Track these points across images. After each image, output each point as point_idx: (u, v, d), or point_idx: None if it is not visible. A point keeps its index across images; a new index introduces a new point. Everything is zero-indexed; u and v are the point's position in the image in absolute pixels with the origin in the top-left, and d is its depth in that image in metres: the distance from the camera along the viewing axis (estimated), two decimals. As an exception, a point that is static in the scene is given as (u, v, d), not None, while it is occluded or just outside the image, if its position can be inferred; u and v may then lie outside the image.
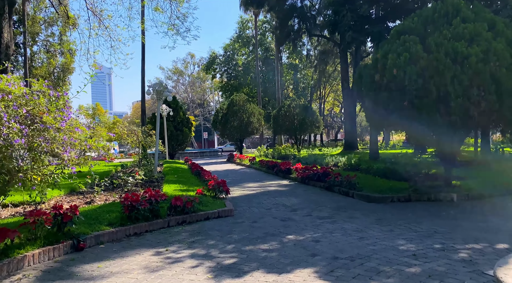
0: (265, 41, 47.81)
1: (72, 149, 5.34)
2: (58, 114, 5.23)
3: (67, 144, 5.07)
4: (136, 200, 6.37)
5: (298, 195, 10.17)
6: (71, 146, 5.23)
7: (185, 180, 12.15)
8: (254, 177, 15.60)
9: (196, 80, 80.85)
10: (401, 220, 6.79)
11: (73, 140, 5.20)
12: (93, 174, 8.80)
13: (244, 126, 28.50)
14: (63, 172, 5.63)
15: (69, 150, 5.32)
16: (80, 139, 5.42)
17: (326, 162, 16.85)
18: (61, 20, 29.52)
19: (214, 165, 24.67)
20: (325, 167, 12.11)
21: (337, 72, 42.94)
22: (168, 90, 14.66)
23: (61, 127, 5.20)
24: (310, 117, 27.54)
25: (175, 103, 28.26)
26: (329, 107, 60.50)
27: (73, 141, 5.18)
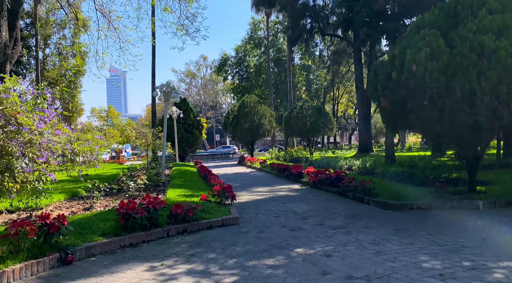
0: (277, 42, 47.24)
1: (51, 154, 4.88)
2: (38, 115, 4.76)
3: (45, 148, 4.61)
4: (132, 208, 5.89)
5: (309, 201, 9.58)
6: (50, 150, 4.77)
7: (191, 184, 11.69)
8: (264, 181, 15.06)
9: (208, 83, 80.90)
10: (423, 231, 6.16)
11: (53, 143, 4.73)
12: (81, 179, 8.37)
13: (255, 128, 27.97)
14: (42, 179, 5.14)
15: (48, 155, 4.85)
16: (61, 143, 4.95)
17: (339, 165, 16.20)
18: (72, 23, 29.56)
19: (224, 168, 24.22)
20: (338, 171, 11.50)
21: (351, 72, 42.13)
22: (176, 91, 14.25)
23: (39, 129, 4.74)
24: (323, 119, 26.83)
25: (186, 105, 27.94)
26: (342, 108, 59.55)
27: (52, 144, 4.72)
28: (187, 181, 12.50)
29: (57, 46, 32.97)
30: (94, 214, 6.91)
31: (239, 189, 12.46)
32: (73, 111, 31.76)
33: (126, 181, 9.61)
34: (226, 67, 48.74)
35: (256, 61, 48.52)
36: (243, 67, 48.58)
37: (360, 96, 24.83)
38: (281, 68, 45.58)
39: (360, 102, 24.95)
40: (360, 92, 24.79)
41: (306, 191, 11.67)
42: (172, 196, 8.82)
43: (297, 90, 49.31)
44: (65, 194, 9.42)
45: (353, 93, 53.24)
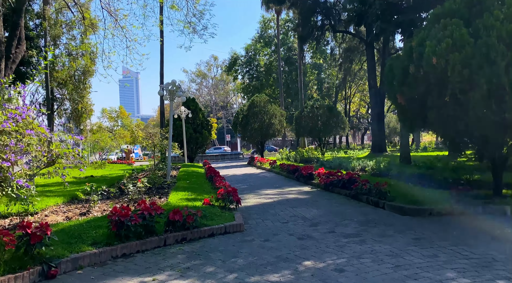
0: (287, 41, 46.57)
1: (21, 157, 4.41)
2: (10, 113, 4.29)
3: (13, 150, 4.15)
4: (126, 214, 5.40)
5: (320, 205, 8.99)
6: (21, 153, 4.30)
7: (196, 187, 11.20)
8: (273, 183, 14.50)
9: (219, 83, 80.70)
10: (446, 241, 5.54)
11: (21, 145, 4.26)
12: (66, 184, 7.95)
13: (265, 128, 27.40)
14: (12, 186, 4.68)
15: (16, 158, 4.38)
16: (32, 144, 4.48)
17: (352, 166, 15.55)
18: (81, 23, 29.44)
19: (233, 169, 23.73)
20: (351, 173, 10.88)
21: (363, 71, 41.27)
22: (182, 90, 13.80)
23: (6, 128, 4.27)
24: (335, 118, 26.14)
25: (194, 105, 27.53)
26: (355, 108, 58.58)
27: (20, 146, 4.25)
28: (192, 183, 12.03)
29: (66, 46, 32.96)
30: (87, 220, 6.46)
31: (247, 192, 11.94)
32: (83, 112, 31.66)
33: (127, 184, 9.17)
34: (236, 66, 48.26)
35: (266, 60, 47.93)
36: (253, 66, 48.05)
37: (373, 94, 24.07)
38: (292, 66, 44.91)
39: (373, 100, 24.20)
40: (373, 90, 24.04)
41: (317, 193, 11.09)
42: (174, 200, 8.34)
43: (308, 89, 48.58)
44: (63, 198, 9.02)
45: (365, 91, 52.29)
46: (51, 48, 32.65)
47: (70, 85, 29.83)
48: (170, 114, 14.02)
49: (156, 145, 17.80)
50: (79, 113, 31.46)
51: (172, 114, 14.02)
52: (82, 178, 15.07)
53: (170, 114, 14.02)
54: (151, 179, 11.02)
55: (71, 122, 33.45)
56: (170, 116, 13.98)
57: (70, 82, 29.65)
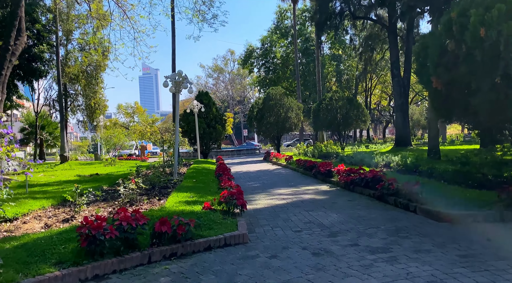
0: (305, 31, 44.97)
1: None
2: None
3: None
4: (98, 226, 4.39)
5: (340, 208, 7.81)
6: None
7: (203, 186, 10.19)
8: (289, 180, 13.36)
9: (236, 77, 79.73)
10: (504, 261, 4.31)
11: None
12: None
13: (281, 122, 26.18)
14: None
15: None
16: None
17: (375, 162, 14.23)
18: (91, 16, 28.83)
19: (248, 165, 22.69)
20: (374, 171, 9.64)
21: (385, 61, 39.43)
22: (188, 81, 12.77)
23: None
24: (355, 110, 24.69)
25: (208, 98, 26.58)
26: (376, 100, 56.56)
27: None
28: (199, 182, 11.03)
29: (80, 41, 32.50)
30: (61, 231, 5.47)
31: (258, 191, 10.86)
32: (96, 108, 31.20)
33: (122, 185, 8.21)
34: (252, 59, 46.96)
35: (283, 52, 46.46)
36: (269, 59, 46.67)
37: (397, 84, 22.52)
38: (310, 58, 43.33)
39: (396, 91, 22.65)
40: (396, 79, 22.48)
41: (336, 193, 9.89)
42: (171, 203, 7.32)
43: (326, 82, 46.91)
44: (53, 200, 8.14)
45: (387, 83, 50.26)
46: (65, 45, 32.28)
47: (83, 81, 29.35)
48: (176, 107, 13.03)
49: (165, 141, 16.89)
50: (92, 109, 31.02)
51: (178, 107, 13.03)
52: (87, 177, 14.33)
53: (176, 107, 13.03)
54: (153, 177, 10.06)
55: (85, 118, 33.12)
56: (176, 109, 12.99)
57: (82, 78, 29.15)
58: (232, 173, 17.73)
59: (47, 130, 33.61)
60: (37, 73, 27.61)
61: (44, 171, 17.31)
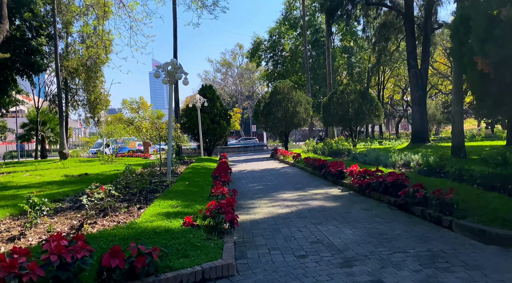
0: (314, 22, 43.20)
1: None
2: None
3: None
4: (12, 265, 3.07)
5: (355, 221, 6.41)
6: None
7: (196, 190, 8.87)
8: (295, 182, 11.98)
9: (245, 72, 78.36)
10: None
11: None
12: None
13: (289, 117, 24.69)
14: None
15: None
16: None
17: (392, 161, 12.73)
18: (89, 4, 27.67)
19: (253, 163, 21.34)
20: (395, 173, 8.18)
21: (398, 52, 37.59)
22: (182, 71, 11.44)
23: None
24: (368, 104, 23.14)
25: (212, 92, 25.22)
26: (388, 94, 54.60)
27: None
28: (192, 185, 9.71)
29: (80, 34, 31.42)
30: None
31: (260, 195, 9.50)
32: (97, 103, 30.09)
33: (90, 193, 6.89)
34: (259, 52, 45.36)
35: (291, 44, 44.77)
36: (277, 52, 45.03)
37: (413, 75, 20.86)
38: (319, 50, 41.59)
39: (413, 83, 21.01)
40: (413, 71, 20.82)
41: (349, 199, 8.48)
42: (148, 215, 6.00)
43: (337, 75, 45.15)
44: (13, 208, 6.89)
45: (400, 76, 48.32)
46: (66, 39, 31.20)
47: (83, 74, 28.24)
48: (170, 100, 11.70)
49: (162, 138, 15.63)
50: (93, 104, 29.94)
51: (172, 99, 11.70)
52: (75, 177, 13.13)
53: (170, 100, 11.70)
54: (134, 180, 8.77)
55: (87, 113, 32.09)
56: (169, 103, 11.68)
57: (82, 71, 28.03)
58: (235, 172, 16.43)
59: (49, 126, 32.68)
60: (35, 66, 26.58)
61: (34, 170, 16.20)
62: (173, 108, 28.28)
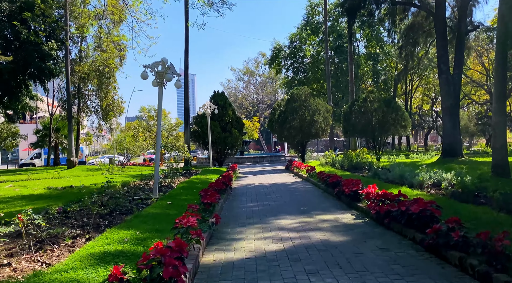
0: (338, 27, 41.26)
1: None
2: None
3: None
4: None
5: (366, 271, 4.62)
6: None
7: (173, 214, 7.28)
8: (303, 202, 10.22)
9: (267, 80, 77.12)
10: None
11: None
12: None
13: (306, 126, 22.86)
14: None
15: None
16: None
17: (418, 179, 10.76)
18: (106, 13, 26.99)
19: (265, 175, 19.65)
20: (422, 201, 6.28)
21: (428, 59, 35.16)
22: (173, 72, 9.98)
23: None
24: (394, 114, 21.08)
25: (223, 99, 23.79)
26: (416, 103, 51.74)
27: None
28: (174, 206, 8.15)
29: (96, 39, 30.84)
30: None
31: (254, 220, 7.83)
32: (109, 110, 29.24)
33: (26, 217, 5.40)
34: (279, 58, 43.75)
35: (313, 50, 42.94)
36: (298, 58, 43.26)
37: (445, 82, 18.71)
38: (343, 56, 39.57)
39: (444, 90, 18.84)
40: (444, 76, 18.68)
41: (363, 231, 6.67)
42: (77, 257, 4.43)
43: (361, 83, 42.87)
44: None
45: (429, 84, 45.56)
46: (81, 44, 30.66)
47: (95, 80, 27.48)
48: (159, 104, 10.24)
49: (166, 146, 14.22)
50: (105, 111, 29.13)
51: (161, 104, 10.25)
52: (58, 189, 11.84)
53: (159, 104, 10.24)
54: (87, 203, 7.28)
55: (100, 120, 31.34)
56: (158, 108, 10.23)
57: (94, 77, 27.26)
58: (241, 186, 14.80)
59: (62, 133, 32.13)
60: (46, 72, 26.02)
61: (23, 180, 15.13)
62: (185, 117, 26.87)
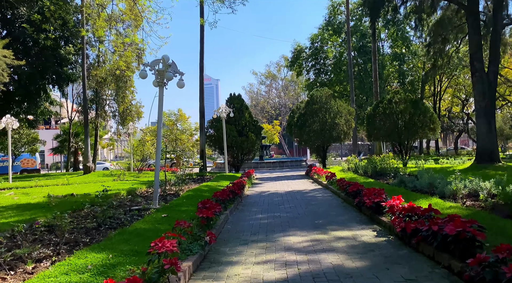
0: (361, 27, 39.70)
1: None
2: None
3: None
4: None
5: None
6: None
7: (164, 229, 6.36)
8: (319, 213, 9.13)
9: (289, 84, 76.12)
10: None
11: None
12: None
13: (327, 129, 21.62)
14: None
15: None
16: None
17: (451, 188, 9.44)
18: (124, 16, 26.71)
19: (282, 182, 18.58)
20: (458, 220, 5.08)
21: (458, 58, 33.16)
22: (175, 70, 9.13)
23: None
24: (421, 116, 19.58)
25: (240, 102, 22.89)
26: (446, 106, 49.31)
27: None
28: (167, 220, 7.24)
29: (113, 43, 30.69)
30: None
31: (258, 238, 6.82)
32: (127, 114, 28.92)
33: None
34: (300, 60, 42.54)
35: (335, 51, 41.51)
36: (319, 60, 41.90)
37: (479, 81, 17.14)
38: (366, 56, 37.97)
39: (478, 90, 17.25)
40: (478, 75, 17.11)
41: (385, 254, 5.53)
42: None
43: (387, 85, 41.07)
44: None
45: (459, 86, 43.27)
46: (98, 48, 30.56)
47: (112, 84, 27.22)
48: (159, 105, 9.40)
49: (169, 152, 13.41)
50: (123, 116, 28.83)
51: (161, 105, 9.40)
52: (59, 198, 11.19)
53: (159, 105, 9.40)
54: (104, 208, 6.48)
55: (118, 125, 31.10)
56: (159, 111, 9.38)
57: (111, 81, 27.00)
58: (254, 194, 13.80)
59: (81, 138, 32.12)
60: (64, 76, 25.94)
61: (32, 187, 14.67)
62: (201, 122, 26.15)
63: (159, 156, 9.69)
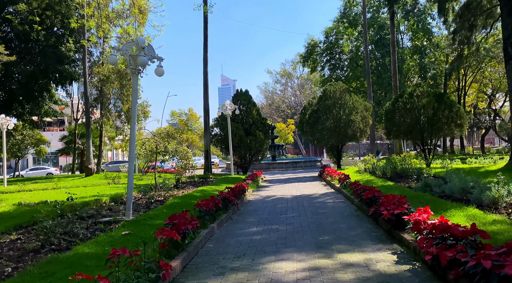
0: (379, 19, 37.53)
1: None
2: None
3: None
4: None
5: None
6: None
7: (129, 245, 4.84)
8: (326, 225, 7.49)
9: (305, 82, 74.23)
10: None
11: None
12: None
13: (342, 127, 19.81)
14: None
15: None
16: None
17: (491, 195, 7.62)
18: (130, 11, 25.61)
19: (293, 184, 16.94)
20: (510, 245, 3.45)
21: (485, 49, 30.75)
22: (151, 54, 7.66)
23: None
24: (447, 111, 17.60)
25: (247, 99, 21.31)
26: (471, 102, 46.52)
27: None
28: (132, 239, 5.74)
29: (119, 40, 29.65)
30: None
31: (241, 264, 5.21)
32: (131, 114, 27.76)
33: None
34: (314, 55, 40.59)
35: (351, 45, 39.41)
36: (335, 54, 39.89)
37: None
38: (384, 49, 35.74)
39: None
40: (511, 63, 15.05)
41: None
42: None
43: (407, 80, 38.76)
44: None
45: (486, 80, 40.56)
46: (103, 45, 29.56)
47: (116, 83, 26.10)
48: (133, 96, 7.95)
49: (159, 152, 11.99)
50: (127, 115, 27.71)
51: (135, 96, 7.94)
52: (31, 205, 9.89)
53: (133, 96, 7.95)
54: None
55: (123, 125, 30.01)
56: (132, 105, 7.93)
57: (114, 79, 25.88)
58: (257, 199, 12.25)
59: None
60: (65, 74, 24.96)
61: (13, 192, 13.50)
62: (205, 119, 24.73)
63: (133, 159, 8.25)
